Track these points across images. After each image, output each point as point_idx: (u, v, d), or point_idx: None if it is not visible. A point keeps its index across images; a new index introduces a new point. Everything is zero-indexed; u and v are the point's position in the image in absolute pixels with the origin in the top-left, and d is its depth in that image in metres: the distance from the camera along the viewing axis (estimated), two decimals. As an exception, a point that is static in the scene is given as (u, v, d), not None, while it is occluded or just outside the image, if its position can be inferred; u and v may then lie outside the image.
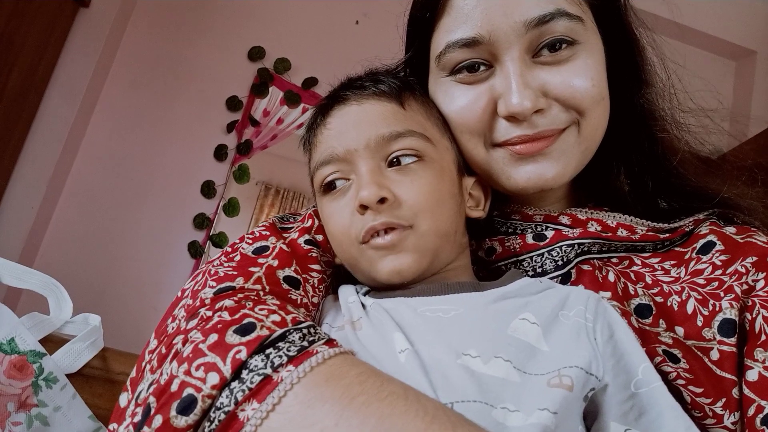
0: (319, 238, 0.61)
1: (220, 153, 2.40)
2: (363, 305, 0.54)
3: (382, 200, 0.53)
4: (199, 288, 0.50)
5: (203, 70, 2.43)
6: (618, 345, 0.49)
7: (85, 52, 2.18)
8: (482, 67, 0.59)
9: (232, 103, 2.44)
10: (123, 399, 0.46)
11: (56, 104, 2.12)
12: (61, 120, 2.12)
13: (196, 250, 2.30)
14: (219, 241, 2.35)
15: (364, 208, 0.54)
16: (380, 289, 0.58)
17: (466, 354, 0.44)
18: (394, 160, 0.56)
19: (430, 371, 0.43)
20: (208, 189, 2.36)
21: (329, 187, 0.58)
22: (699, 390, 0.53)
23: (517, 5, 0.56)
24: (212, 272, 0.52)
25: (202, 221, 2.34)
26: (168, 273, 2.27)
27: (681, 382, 0.53)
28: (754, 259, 0.55)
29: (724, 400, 0.52)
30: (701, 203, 0.64)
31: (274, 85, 2.51)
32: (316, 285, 0.58)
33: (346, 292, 0.57)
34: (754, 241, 0.58)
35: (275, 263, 0.54)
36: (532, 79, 0.57)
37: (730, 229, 0.60)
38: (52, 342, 0.70)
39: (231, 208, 2.40)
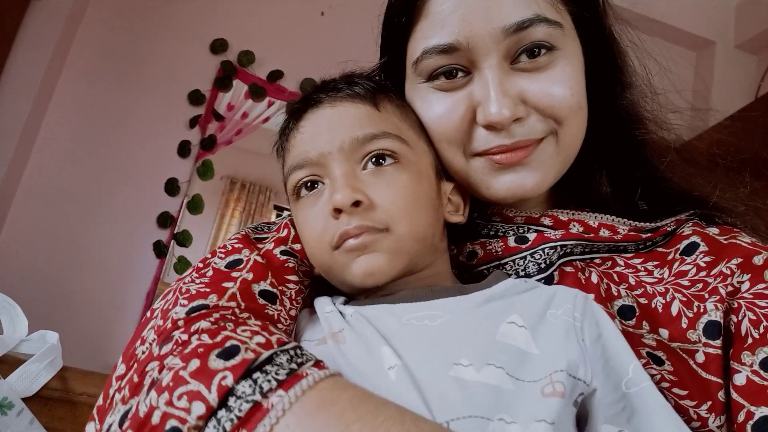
0: (297, 247, 0.60)
1: (183, 149, 2.34)
2: (342, 314, 0.52)
3: (357, 203, 0.52)
4: (170, 307, 0.47)
5: (164, 63, 2.37)
6: (607, 345, 0.48)
7: (38, 45, 2.10)
8: (460, 74, 0.58)
9: (195, 97, 2.38)
10: (90, 429, 0.43)
11: (8, 100, 2.04)
12: (13, 116, 2.04)
13: (161, 250, 2.25)
14: (183, 239, 2.30)
15: (338, 212, 0.52)
16: (359, 296, 0.57)
17: (457, 363, 0.43)
18: (370, 162, 0.55)
19: (423, 388, 0.42)
20: (171, 187, 2.31)
21: (303, 191, 0.57)
22: (684, 393, 0.52)
23: (495, 11, 0.55)
24: (183, 290, 0.49)
25: (165, 220, 2.28)
26: (133, 276, 2.20)
27: (665, 384, 0.53)
28: (739, 260, 0.55)
29: (709, 403, 0.51)
30: (687, 206, 0.64)
31: (238, 78, 2.46)
32: (293, 297, 0.56)
33: (322, 302, 0.56)
34: (738, 242, 0.57)
35: (250, 276, 0.52)
36: (511, 86, 0.56)
37: (713, 230, 0.60)
38: (7, 363, 0.67)
39: (195, 205, 2.35)
